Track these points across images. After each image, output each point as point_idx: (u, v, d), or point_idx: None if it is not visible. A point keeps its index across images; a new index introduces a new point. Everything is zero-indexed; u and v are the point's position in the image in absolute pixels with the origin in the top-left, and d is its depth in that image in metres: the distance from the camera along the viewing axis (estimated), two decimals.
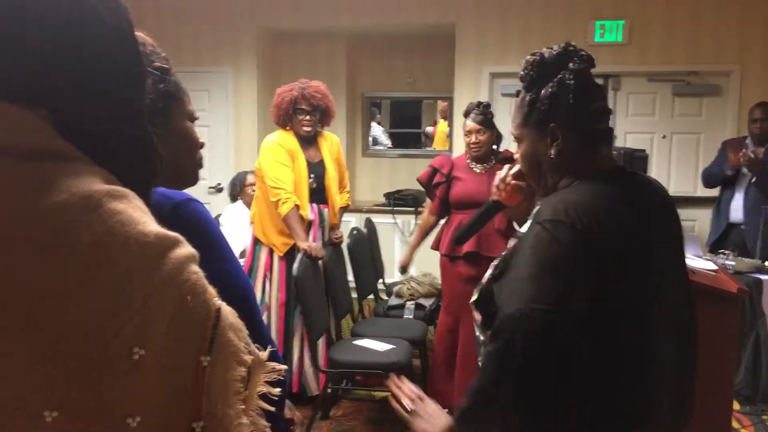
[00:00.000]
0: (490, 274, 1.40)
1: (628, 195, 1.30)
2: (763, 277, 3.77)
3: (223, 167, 6.25)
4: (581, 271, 1.17)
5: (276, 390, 0.71)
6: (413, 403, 1.35)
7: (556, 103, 1.30)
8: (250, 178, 4.59)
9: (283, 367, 0.74)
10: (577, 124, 1.31)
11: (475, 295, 1.43)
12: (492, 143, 3.55)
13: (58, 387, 0.57)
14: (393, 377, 1.42)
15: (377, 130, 7.28)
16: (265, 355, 0.70)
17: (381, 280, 4.85)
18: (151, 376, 0.59)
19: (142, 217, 0.63)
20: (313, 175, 3.75)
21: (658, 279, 1.25)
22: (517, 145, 1.41)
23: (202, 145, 1.23)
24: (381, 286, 4.81)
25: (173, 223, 0.66)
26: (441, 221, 3.75)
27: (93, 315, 0.57)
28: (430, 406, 1.34)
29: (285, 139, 3.73)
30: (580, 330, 1.14)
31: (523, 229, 1.31)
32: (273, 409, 0.72)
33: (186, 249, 0.64)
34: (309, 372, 3.76)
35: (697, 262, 2.92)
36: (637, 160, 3.28)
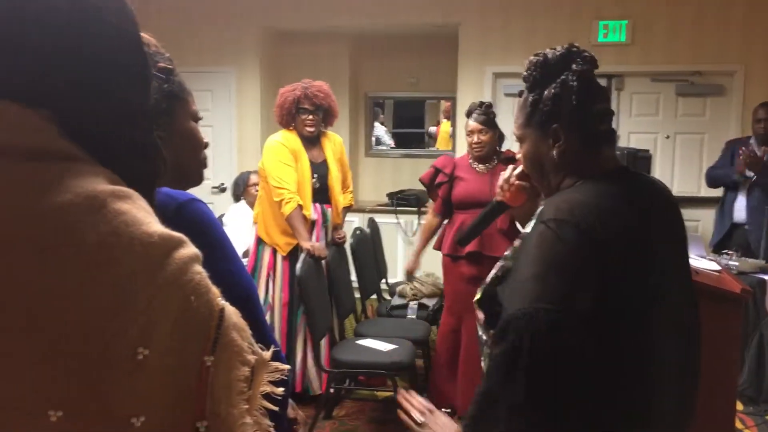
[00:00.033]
0: (493, 275, 1.39)
1: (629, 195, 1.30)
2: (767, 277, 3.76)
3: (226, 167, 6.26)
4: (586, 271, 1.17)
5: (279, 390, 0.71)
6: (423, 416, 1.34)
7: (559, 104, 1.29)
8: (254, 178, 4.59)
9: (286, 366, 0.74)
10: (580, 126, 1.30)
11: (479, 294, 1.43)
12: (494, 143, 3.55)
13: (58, 387, 0.57)
14: (402, 392, 1.42)
15: (380, 130, 7.28)
16: (268, 354, 0.70)
17: (384, 280, 4.85)
18: (156, 376, 0.59)
19: (147, 217, 0.63)
20: (316, 175, 3.75)
21: (658, 279, 1.25)
22: (520, 145, 1.41)
23: (206, 145, 1.22)
24: (384, 286, 4.81)
25: (177, 223, 0.66)
26: (444, 222, 3.74)
27: (93, 315, 0.58)
28: (441, 418, 1.34)
29: (288, 138, 3.73)
30: (584, 329, 1.13)
31: (527, 229, 1.31)
32: (276, 408, 0.72)
33: (190, 249, 0.64)
34: (312, 372, 3.76)
35: (701, 262, 2.91)
36: (640, 160, 3.27)
